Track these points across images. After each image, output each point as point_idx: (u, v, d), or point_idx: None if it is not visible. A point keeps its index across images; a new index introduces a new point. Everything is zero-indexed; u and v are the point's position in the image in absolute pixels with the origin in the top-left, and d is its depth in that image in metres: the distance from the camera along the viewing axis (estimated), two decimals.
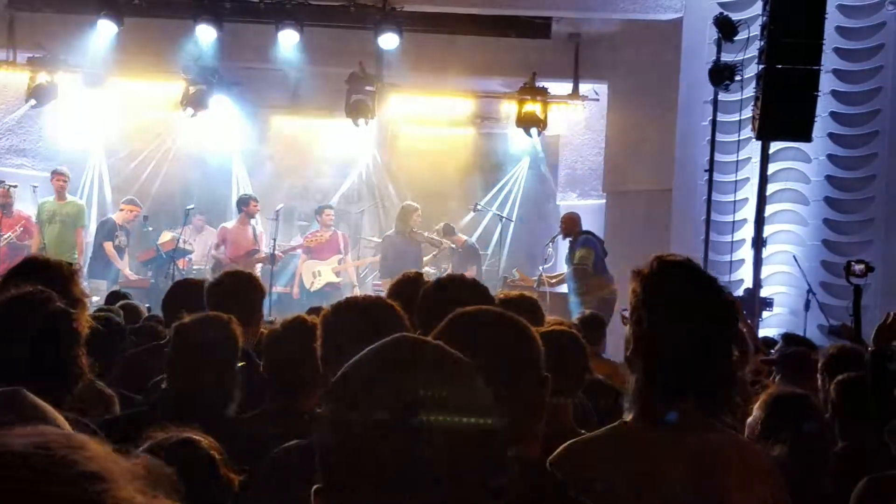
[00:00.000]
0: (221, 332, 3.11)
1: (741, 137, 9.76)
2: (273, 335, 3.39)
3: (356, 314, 2.58)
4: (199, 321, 3.13)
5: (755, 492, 2.07)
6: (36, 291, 2.53)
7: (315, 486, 1.13)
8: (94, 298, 8.41)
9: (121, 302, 5.42)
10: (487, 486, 1.11)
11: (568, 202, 12.96)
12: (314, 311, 5.80)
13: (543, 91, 11.94)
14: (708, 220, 9.71)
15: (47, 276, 3.11)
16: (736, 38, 9.42)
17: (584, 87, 12.37)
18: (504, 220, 12.87)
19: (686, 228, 10.63)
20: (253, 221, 11.76)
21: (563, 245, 10.90)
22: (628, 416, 2.13)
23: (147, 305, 7.19)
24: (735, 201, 10.01)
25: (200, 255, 12.08)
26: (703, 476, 2.02)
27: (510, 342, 1.77)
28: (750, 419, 3.20)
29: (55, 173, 11.06)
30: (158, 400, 3.06)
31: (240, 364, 3.20)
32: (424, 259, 11.64)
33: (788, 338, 6.07)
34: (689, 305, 2.09)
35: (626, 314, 2.19)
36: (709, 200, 9.72)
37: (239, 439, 2.56)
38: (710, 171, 9.67)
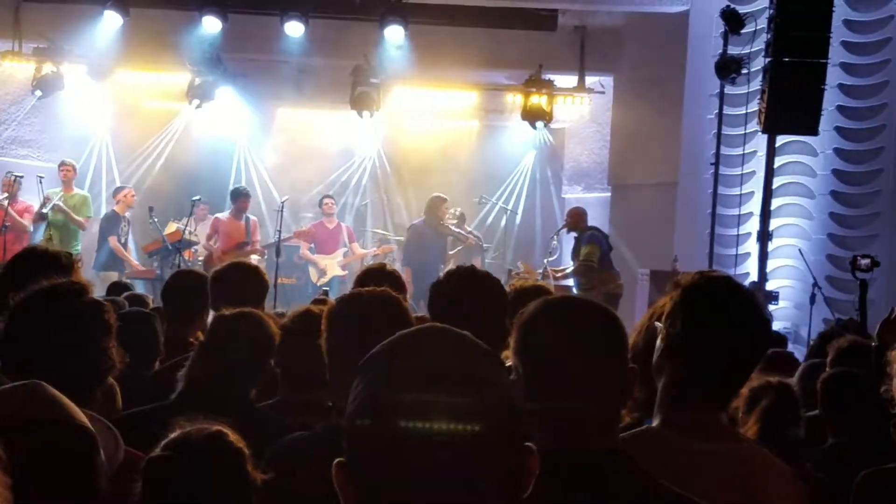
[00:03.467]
0: (260, 329, 3.10)
1: (747, 131, 9.74)
2: (284, 327, 3.38)
3: (361, 307, 2.57)
4: (238, 316, 3.12)
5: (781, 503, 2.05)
6: (68, 283, 2.54)
7: (337, 459, 1.13)
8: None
9: (126, 293, 5.41)
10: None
11: (573, 195, 12.96)
12: (319, 301, 5.82)
13: (549, 84, 11.92)
14: (714, 214, 9.67)
15: (48, 265, 3.12)
16: (743, 31, 9.38)
17: (590, 80, 12.35)
18: (509, 212, 12.85)
19: (691, 222, 10.60)
20: (247, 213, 11.67)
21: (568, 238, 10.88)
22: (654, 422, 2.08)
23: (150, 296, 7.18)
24: (741, 195, 9.97)
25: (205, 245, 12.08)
26: (733, 487, 1.98)
27: (603, 331, 1.75)
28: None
29: (62, 164, 11.05)
30: (185, 391, 3.05)
31: None
32: (450, 253, 11.53)
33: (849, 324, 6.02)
34: (730, 315, 2.04)
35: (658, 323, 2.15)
36: (714, 194, 9.69)
37: (270, 433, 2.55)
38: (716, 164, 9.63)
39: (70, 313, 2.44)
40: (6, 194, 10.32)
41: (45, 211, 10.49)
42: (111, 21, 11.29)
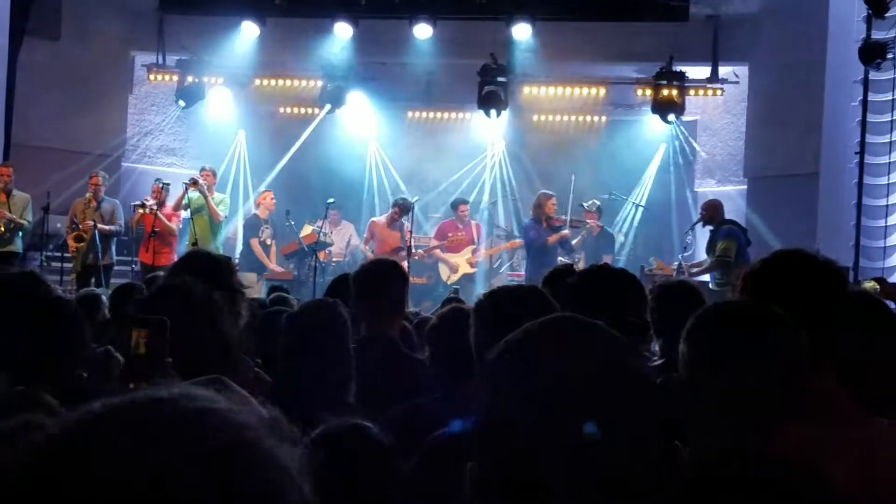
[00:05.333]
0: (327, 317, 3.15)
1: (895, 118, 9.30)
2: (434, 325, 3.42)
3: (509, 301, 2.59)
4: (306, 307, 3.17)
5: None
6: (184, 280, 2.66)
7: (470, 464, 1.13)
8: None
9: (274, 294, 5.61)
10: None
11: (706, 188, 12.66)
12: (451, 300, 5.88)
13: (680, 75, 11.66)
14: (859, 205, 9.29)
15: (210, 268, 3.28)
16: (888, 15, 8.96)
17: (724, 70, 12.03)
18: (640, 208, 12.65)
19: (835, 214, 10.19)
20: (403, 218, 11.84)
21: (703, 232, 10.63)
22: None
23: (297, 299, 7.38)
24: (888, 184, 9.54)
25: (339, 248, 12.36)
26: (860, 471, 1.92)
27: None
28: None
29: (203, 170, 11.52)
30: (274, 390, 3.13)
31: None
32: (573, 242, 11.40)
33: None
34: (804, 294, 2.01)
35: None
36: (860, 184, 9.30)
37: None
38: (861, 153, 9.25)
39: (182, 307, 2.56)
40: (155, 200, 10.83)
41: (187, 196, 10.89)
42: (248, 31, 11.72)
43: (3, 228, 10.20)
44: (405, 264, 10.83)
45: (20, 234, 10.46)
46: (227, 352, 2.69)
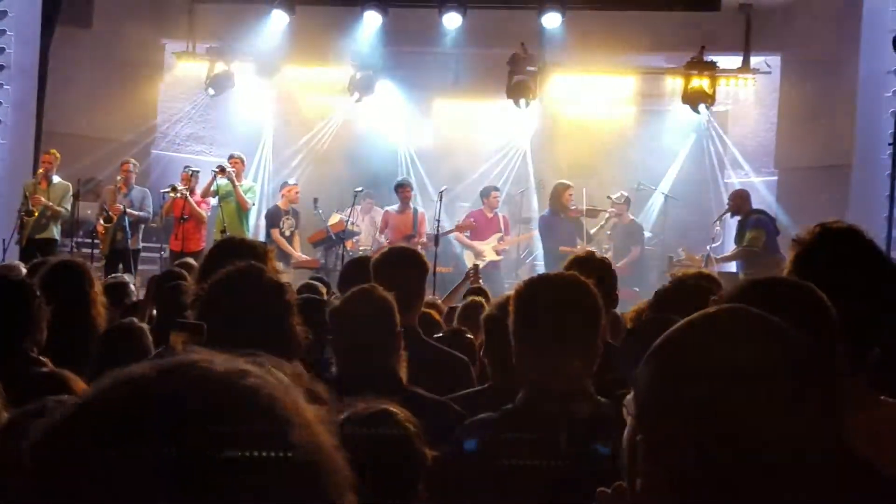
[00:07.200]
0: (376, 306, 3.12)
1: None
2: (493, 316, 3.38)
3: (550, 290, 2.58)
4: (353, 301, 3.15)
5: None
6: (249, 266, 2.67)
7: (639, 437, 1.15)
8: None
9: (303, 282, 5.64)
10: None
11: (737, 179, 12.56)
12: (475, 292, 5.87)
13: (712, 65, 11.55)
14: (892, 197, 9.15)
15: (245, 254, 3.28)
16: None
17: (755, 60, 11.91)
18: (668, 198, 12.57)
19: (867, 206, 10.06)
20: (413, 205, 11.86)
21: (732, 223, 10.57)
22: None
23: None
24: None
25: (367, 236, 12.38)
26: (868, 451, 1.89)
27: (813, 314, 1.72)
28: None
29: (231, 158, 11.56)
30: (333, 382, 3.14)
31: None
32: (592, 232, 11.39)
33: None
34: (849, 272, 1.97)
35: None
36: (893, 175, 9.17)
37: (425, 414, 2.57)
38: (895, 144, 9.12)
39: (254, 294, 2.57)
40: (185, 187, 10.89)
41: (216, 183, 10.94)
42: (278, 19, 11.73)
43: (37, 213, 10.31)
44: (421, 250, 10.83)
45: (58, 221, 10.57)
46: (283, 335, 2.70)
